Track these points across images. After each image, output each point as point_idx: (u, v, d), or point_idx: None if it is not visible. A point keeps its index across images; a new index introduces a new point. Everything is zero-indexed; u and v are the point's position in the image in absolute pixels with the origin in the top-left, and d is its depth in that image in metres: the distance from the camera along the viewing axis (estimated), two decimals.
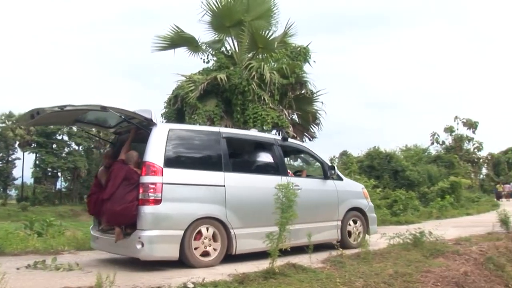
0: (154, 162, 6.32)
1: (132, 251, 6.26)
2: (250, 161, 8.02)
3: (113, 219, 6.50)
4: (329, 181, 8.59)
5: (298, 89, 14.66)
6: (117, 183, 6.51)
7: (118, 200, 6.36)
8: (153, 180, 6.23)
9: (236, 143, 7.68)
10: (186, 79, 14.15)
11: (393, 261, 6.91)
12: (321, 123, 15.13)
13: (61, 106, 6.21)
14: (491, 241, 9.15)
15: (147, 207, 6.16)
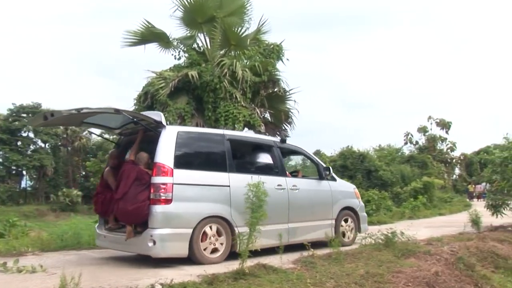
0: (165, 163, 6.71)
1: (143, 248, 6.62)
2: (252, 162, 8.47)
3: (126, 218, 6.90)
4: (324, 182, 9.18)
5: (270, 87, 14.78)
6: (129, 183, 6.87)
7: (130, 200, 6.73)
8: (164, 180, 6.63)
9: (239, 145, 8.17)
10: (156, 75, 14.12)
11: (364, 262, 7.02)
12: (293, 122, 15.31)
13: (78, 109, 6.63)
14: (462, 241, 9.39)
15: (158, 206, 6.56)
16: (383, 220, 16.16)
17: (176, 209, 6.64)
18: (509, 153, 12.16)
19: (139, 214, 6.65)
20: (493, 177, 12.67)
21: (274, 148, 8.56)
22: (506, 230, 11.76)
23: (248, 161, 8.54)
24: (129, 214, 6.76)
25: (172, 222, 6.62)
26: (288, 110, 15.16)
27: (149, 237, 6.50)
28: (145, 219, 6.62)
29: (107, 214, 7.67)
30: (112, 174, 7.77)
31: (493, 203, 12.32)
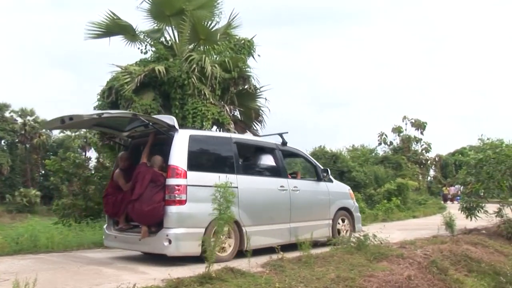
0: (178, 165, 7.28)
1: (158, 248, 7.13)
2: (256, 164, 9.12)
3: (142, 219, 7.41)
4: (322, 183, 10.01)
5: (241, 84, 14.75)
6: (144, 185, 7.39)
7: (146, 201, 7.26)
8: (178, 182, 7.19)
9: (244, 147, 8.85)
10: (121, 70, 13.92)
11: (335, 265, 7.07)
12: (264, 121, 15.29)
13: (99, 114, 7.30)
14: (436, 245, 9.56)
15: (173, 207, 7.12)
16: None
17: (189, 210, 7.17)
18: (484, 154, 12.39)
19: (155, 215, 7.18)
20: (467, 179, 12.83)
21: (276, 150, 9.27)
22: (480, 233, 12.04)
23: (253, 163, 9.17)
24: (145, 215, 7.27)
25: (186, 222, 7.16)
26: (258, 108, 15.15)
27: (165, 236, 7.01)
28: (160, 219, 7.15)
29: (118, 215, 8.20)
30: (123, 176, 8.30)
31: (468, 206, 12.50)
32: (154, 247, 7.25)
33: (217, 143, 8.32)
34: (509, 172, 12.14)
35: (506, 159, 11.99)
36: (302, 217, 9.10)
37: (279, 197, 8.74)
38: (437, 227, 11.63)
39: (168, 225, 7.11)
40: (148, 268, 6.71)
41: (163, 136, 7.80)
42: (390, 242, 9.23)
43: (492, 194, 12.39)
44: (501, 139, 12.94)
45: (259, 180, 8.69)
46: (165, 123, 7.70)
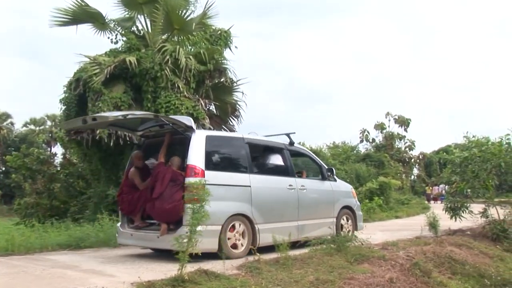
0: (196, 165, 7.80)
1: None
2: (267, 163, 9.71)
3: (162, 217, 7.92)
4: (326, 182, 10.65)
5: (216, 77, 14.72)
6: (165, 184, 7.89)
7: (167, 199, 7.79)
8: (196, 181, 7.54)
9: (255, 147, 9.37)
10: (90, 60, 13.79)
11: (314, 267, 7.06)
12: (241, 116, 15.34)
13: (124, 115, 7.99)
14: (419, 246, 9.59)
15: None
16: None
17: (207, 208, 7.28)
18: (469, 153, 12.45)
19: (175, 213, 7.69)
20: (452, 178, 12.89)
21: (284, 150, 9.86)
22: (464, 234, 12.13)
23: (264, 162, 9.73)
24: (166, 213, 7.80)
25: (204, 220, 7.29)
26: (235, 102, 15.16)
27: (185, 233, 7.06)
28: (180, 217, 7.65)
29: (134, 213, 8.69)
30: (138, 174, 8.81)
31: (452, 206, 12.58)
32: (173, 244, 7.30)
33: (231, 143, 8.98)
34: (494, 171, 12.25)
35: (492, 157, 12.06)
36: (309, 215, 9.75)
37: (288, 196, 9.37)
38: (421, 228, 11.71)
39: (187, 223, 7.31)
40: (118, 271, 6.64)
41: (177, 137, 8.39)
42: (372, 243, 9.27)
43: (477, 193, 12.46)
44: (487, 136, 13.02)
45: (270, 179, 9.27)
46: (183, 124, 8.20)
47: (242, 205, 8.35)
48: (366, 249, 8.47)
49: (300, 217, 9.52)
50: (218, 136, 8.99)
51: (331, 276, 6.64)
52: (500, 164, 11.94)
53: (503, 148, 12.12)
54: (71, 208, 14.87)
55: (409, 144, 51.02)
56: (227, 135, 9.40)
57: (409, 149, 51.62)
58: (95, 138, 13.13)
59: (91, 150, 14.19)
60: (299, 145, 11.11)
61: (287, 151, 9.91)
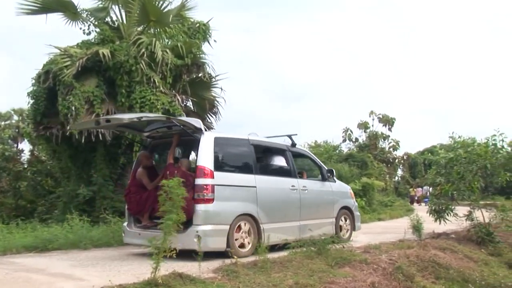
0: (206, 166, 8.37)
1: (187, 244, 7.89)
2: (271, 164, 10.45)
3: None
4: (326, 183, 11.41)
5: (194, 72, 14.69)
6: None
7: None
8: (206, 182, 8.29)
9: (260, 149, 10.04)
10: (60, 52, 13.61)
11: (294, 271, 7.08)
12: (219, 112, 15.33)
13: (139, 117, 8.48)
14: (402, 249, 9.64)
15: (202, 205, 8.22)
16: None
17: (217, 208, 8.31)
18: (454, 154, 12.61)
19: (186, 213, 7.55)
20: (437, 179, 12.96)
21: (287, 151, 10.55)
22: (449, 238, 12.24)
23: (268, 163, 10.45)
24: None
25: (214, 219, 8.29)
26: (213, 98, 15.13)
27: (195, 233, 7.98)
28: (190, 217, 8.05)
29: (142, 213, 9.22)
30: (146, 174, 9.38)
31: (436, 208, 12.72)
32: (183, 243, 7.87)
33: (237, 145, 9.49)
34: (480, 172, 12.43)
35: (477, 158, 12.21)
36: (310, 215, 10.41)
37: (291, 196, 10.03)
38: (404, 231, 11.79)
39: (198, 222, 8.16)
40: (88, 274, 6.58)
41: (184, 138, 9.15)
42: (353, 246, 9.36)
43: (462, 196, 12.64)
44: (473, 137, 13.18)
45: (274, 180, 9.88)
46: (193, 126, 8.75)
47: (248, 205, 8.93)
48: (347, 252, 8.53)
49: (302, 217, 10.16)
50: (225, 137, 9.39)
51: (311, 280, 6.67)
52: (486, 165, 12.11)
53: (489, 150, 12.24)
54: (39, 208, 14.76)
55: (393, 144, 51.37)
56: (234, 137, 9.76)
57: (393, 149, 51.98)
58: (65, 134, 13.01)
59: (60, 146, 14.03)
60: (300, 147, 11.85)
61: (290, 153, 10.59)
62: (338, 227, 11.34)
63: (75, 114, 12.51)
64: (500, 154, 12.31)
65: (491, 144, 12.43)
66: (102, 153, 13.67)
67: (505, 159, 12.28)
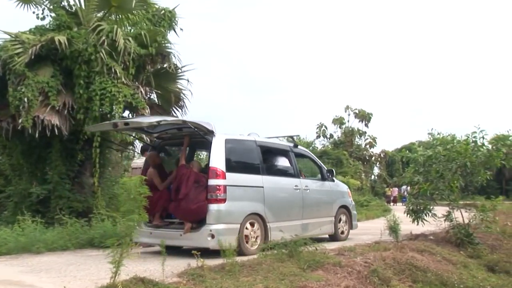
0: (218, 167, 9.44)
1: (200, 242, 9.09)
2: (276, 165, 11.67)
3: (188, 216, 9.48)
4: (326, 182, 12.68)
5: (159, 62, 14.56)
6: (190, 185, 9.47)
7: (192, 200, 9.36)
8: (218, 182, 9.35)
9: (265, 150, 11.03)
10: (11, 38, 13.31)
11: (263, 275, 7.12)
12: (185, 106, 15.20)
13: (159, 121, 9.70)
14: (378, 252, 9.73)
15: (215, 205, 9.28)
16: None
17: (229, 207, 9.38)
18: (433, 151, 12.76)
19: (200, 212, 9.27)
20: (415, 178, 13.09)
21: (290, 152, 11.74)
22: (427, 239, 12.37)
23: (273, 164, 11.62)
24: (192, 213, 9.35)
25: (226, 219, 9.36)
26: (179, 90, 15.01)
27: (208, 232, 9.13)
28: (204, 216, 9.25)
29: (154, 213, 9.94)
30: (157, 174, 10.35)
31: (414, 208, 12.85)
32: (196, 241, 9.20)
33: (245, 146, 10.59)
34: (460, 171, 12.59)
35: (457, 156, 12.39)
36: (311, 214, 11.63)
37: (294, 196, 11.20)
38: (380, 232, 11.89)
39: (211, 221, 9.23)
40: (39, 281, 6.50)
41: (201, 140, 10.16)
42: (327, 248, 9.38)
43: (441, 195, 12.75)
44: (453, 134, 13.37)
45: (279, 180, 11.07)
46: (205, 128, 9.70)
47: (256, 204, 10.03)
48: (320, 255, 8.57)
49: (304, 216, 11.35)
50: (235, 139, 10.46)
51: (282, 284, 6.72)
52: (465, 164, 12.29)
53: (470, 147, 12.40)
54: None
55: (370, 141, 52.01)
56: (242, 138, 10.85)
57: (369, 147, 52.60)
58: (17, 128, 12.73)
59: (12, 142, 13.76)
60: (302, 147, 13.26)
61: (292, 153, 11.79)
62: (337, 225, 12.58)
63: (28, 106, 12.22)
64: (481, 151, 12.44)
65: (471, 142, 12.60)
66: (58, 149, 13.40)
67: (486, 157, 12.42)
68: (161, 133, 11.00)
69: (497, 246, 12.47)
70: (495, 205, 12.98)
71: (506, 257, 11.62)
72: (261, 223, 10.03)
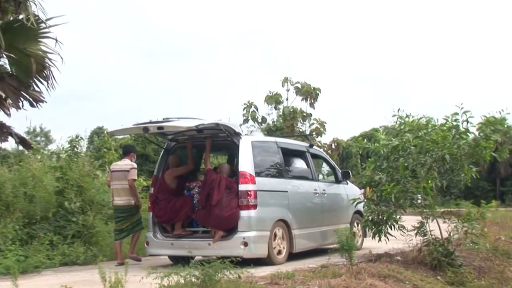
0: (247, 171, 11.92)
1: (233, 251, 11.16)
2: (296, 168, 14.33)
3: (221, 224, 11.91)
4: (341, 186, 15.60)
5: (11, 12, 14.28)
6: (221, 191, 11.83)
7: (225, 207, 11.73)
8: (249, 187, 11.85)
9: (285, 151, 13.67)
10: None
11: None
12: (52, 76, 14.91)
13: (198, 125, 11.92)
14: (325, 279, 9.85)
15: (246, 211, 11.77)
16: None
17: (259, 214, 11.83)
18: (401, 140, 12.69)
19: (233, 220, 11.72)
20: (376, 177, 13.01)
21: (307, 153, 14.62)
22: (392, 260, 12.34)
23: (294, 166, 14.24)
24: (226, 220, 11.78)
25: (257, 226, 11.81)
26: (43, 54, 14.73)
27: (241, 239, 11.53)
28: (235, 224, 11.72)
29: (175, 221, 12.76)
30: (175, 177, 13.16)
31: (374, 218, 13.03)
32: (228, 250, 11.26)
33: (268, 148, 13.19)
34: (436, 167, 12.80)
35: (432, 147, 12.44)
36: (329, 220, 14.30)
37: (314, 201, 13.93)
38: (328, 251, 12.11)
39: (243, 229, 11.68)
40: None
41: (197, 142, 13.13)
42: (255, 275, 9.60)
43: (411, 200, 12.88)
44: (427, 117, 13.44)
45: (301, 183, 13.69)
46: (232, 130, 12.24)
47: (282, 210, 12.61)
48: (245, 285, 8.71)
49: (323, 223, 14.08)
50: (260, 141, 13.15)
51: None
52: (444, 157, 12.31)
53: (449, 134, 12.54)
54: None
55: (317, 127, 52.39)
56: (265, 140, 13.73)
57: (317, 134, 53.07)
58: None
59: None
60: (316, 148, 16.65)
61: (309, 154, 14.63)
62: (352, 233, 14.28)
63: None
64: (464, 140, 12.52)
65: (451, 127, 12.75)
66: None
67: (471, 148, 12.54)
68: (177, 135, 13.43)
69: (486, 268, 12.75)
70: (483, 212, 13.13)
71: (499, 284, 11.96)
72: (286, 230, 12.53)
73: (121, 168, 14.00)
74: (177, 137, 13.44)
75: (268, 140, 13.76)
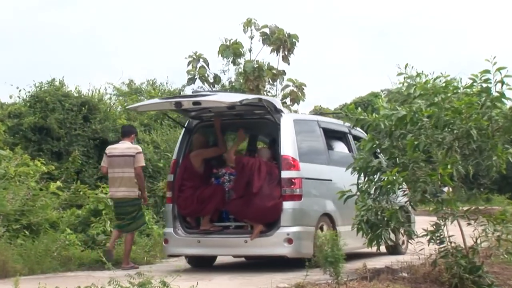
0: (291, 155, 13.19)
1: (275, 249, 12.91)
2: (339, 152, 15.84)
3: (263, 217, 13.12)
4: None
5: None
6: (262, 177, 13.05)
7: (267, 196, 13.01)
8: (293, 175, 13.20)
9: (328, 133, 15.25)
10: None
11: None
12: None
13: (241, 100, 13.28)
14: None
15: (290, 202, 13.08)
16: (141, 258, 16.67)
17: (305, 206, 13.27)
18: (410, 108, 12.07)
19: (276, 212, 12.93)
20: (374, 161, 12.54)
21: (349, 135, 16.21)
22: (396, 277, 12.23)
23: (337, 151, 15.79)
24: (268, 212, 13.00)
25: (302, 220, 13.17)
26: None
27: (285, 236, 12.76)
28: (277, 217, 12.91)
29: (200, 214, 14.03)
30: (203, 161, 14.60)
31: (371, 219, 12.41)
32: (269, 248, 12.84)
33: (311, 128, 14.69)
34: (459, 146, 12.25)
35: (454, 118, 11.88)
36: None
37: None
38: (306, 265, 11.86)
39: (287, 223, 12.93)
40: None
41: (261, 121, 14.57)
42: None
43: (422, 193, 12.32)
44: (447, 75, 12.86)
45: (343, 172, 13.56)
46: (274, 106, 13.56)
47: (327, 202, 14.01)
48: None
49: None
50: (302, 119, 14.63)
51: None
52: (469, 132, 11.76)
53: (476, 100, 11.98)
54: None
55: (293, 90, 52.57)
56: (306, 118, 15.15)
57: (292, 102, 53.26)
58: None
59: None
60: (359, 129, 16.60)
61: (351, 136, 16.27)
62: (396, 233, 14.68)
63: None
64: (498, 110, 12.10)
65: (480, 90, 12.17)
66: None
67: (507, 120, 12.10)
68: (200, 112, 14.81)
69: None
70: None
71: None
72: (331, 226, 13.76)
73: (123, 153, 14.77)
74: (201, 113, 14.68)
75: (309, 118, 15.13)
